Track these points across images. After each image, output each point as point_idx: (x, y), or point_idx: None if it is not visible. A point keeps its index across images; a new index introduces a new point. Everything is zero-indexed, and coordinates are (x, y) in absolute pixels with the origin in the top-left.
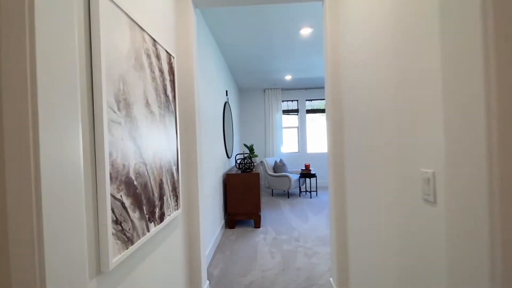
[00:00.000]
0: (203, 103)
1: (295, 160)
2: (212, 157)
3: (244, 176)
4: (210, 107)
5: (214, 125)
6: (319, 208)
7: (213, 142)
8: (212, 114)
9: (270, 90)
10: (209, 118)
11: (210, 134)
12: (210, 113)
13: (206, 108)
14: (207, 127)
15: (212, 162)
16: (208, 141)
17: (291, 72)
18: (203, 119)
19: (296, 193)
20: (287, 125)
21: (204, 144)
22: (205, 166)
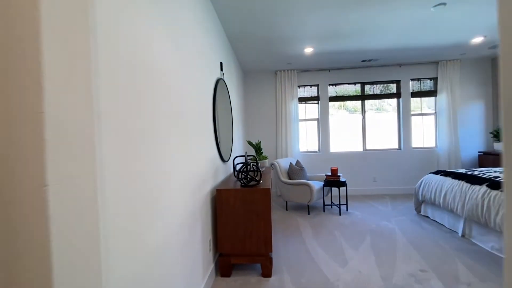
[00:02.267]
0: (161, 60)
1: (315, 161)
2: (191, 161)
3: (246, 193)
4: (185, 78)
5: (194, 110)
6: (357, 234)
7: (192, 136)
8: (190, 92)
9: (282, 72)
10: (181, 95)
11: (183, 122)
12: (183, 88)
13: (172, 74)
14: (171, 107)
15: (192, 170)
16: (180, 133)
17: (313, 40)
18: (160, 88)
19: (319, 206)
20: (305, 116)
21: (171, 139)
22: (175, 176)
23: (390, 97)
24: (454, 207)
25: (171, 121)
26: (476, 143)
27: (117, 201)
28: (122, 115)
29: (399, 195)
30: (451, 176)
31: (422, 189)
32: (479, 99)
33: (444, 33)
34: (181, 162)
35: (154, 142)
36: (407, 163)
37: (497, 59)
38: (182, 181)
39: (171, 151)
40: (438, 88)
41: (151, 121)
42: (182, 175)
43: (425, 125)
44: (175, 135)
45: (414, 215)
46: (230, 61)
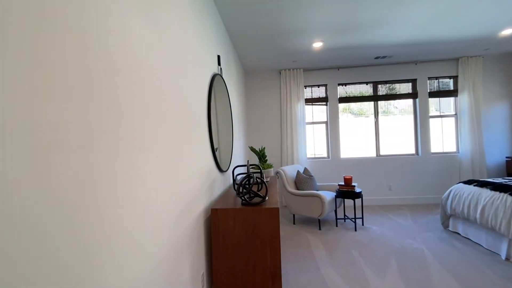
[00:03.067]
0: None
1: (324, 168)
2: (177, 177)
3: (248, 214)
4: (168, 70)
5: (182, 109)
6: (380, 256)
7: (179, 144)
8: (175, 87)
9: (287, 72)
10: (163, 90)
11: (172, 127)
12: (165, 82)
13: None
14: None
15: (179, 188)
16: (160, 141)
17: (323, 33)
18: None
19: (330, 220)
20: (312, 119)
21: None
22: (154, 200)
23: (405, 97)
24: (496, 225)
25: (143, 127)
26: (502, 147)
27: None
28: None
29: (418, 205)
30: (489, 187)
31: (451, 201)
32: (504, 99)
33: (470, 24)
34: (163, 180)
35: (119, 157)
36: (426, 170)
37: None
38: (163, 204)
39: (147, 167)
40: (459, 87)
41: (113, 129)
42: (164, 196)
43: (445, 128)
44: (152, 145)
45: (442, 231)
46: (229, 58)
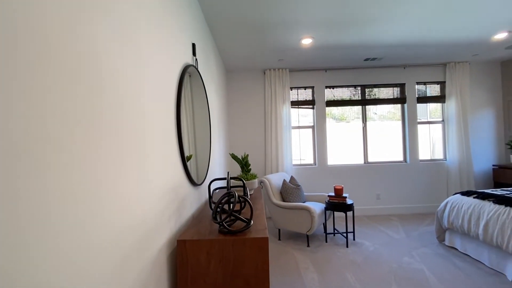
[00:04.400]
0: None
1: (311, 176)
2: (123, 203)
3: (228, 247)
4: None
5: (137, 110)
6: (378, 280)
7: (129, 155)
8: (121, 77)
9: (273, 71)
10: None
11: (106, 131)
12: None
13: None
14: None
15: (125, 219)
16: (99, 153)
17: (314, 28)
18: None
19: (319, 234)
20: (298, 123)
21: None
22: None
23: (394, 102)
24: (503, 243)
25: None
26: (489, 155)
27: None
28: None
29: (408, 215)
30: (491, 200)
31: (449, 214)
32: (490, 106)
33: (463, 27)
34: (98, 209)
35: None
36: (414, 178)
37: (508, 62)
38: (98, 246)
39: (76, 192)
40: (447, 93)
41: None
42: (99, 234)
43: (432, 135)
44: (86, 160)
45: (437, 246)
46: (208, 52)
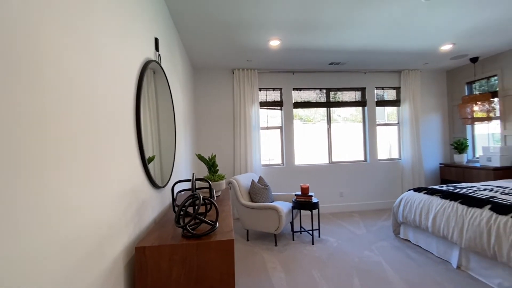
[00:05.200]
0: None
1: (279, 176)
2: (72, 210)
3: (192, 252)
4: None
5: (88, 105)
6: (341, 275)
7: (82, 154)
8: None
9: (241, 71)
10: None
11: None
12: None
13: None
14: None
15: (74, 227)
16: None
17: (282, 29)
18: None
19: (286, 233)
20: (266, 124)
21: None
22: None
23: (355, 105)
24: (449, 234)
25: None
26: (436, 154)
27: None
28: None
29: (368, 211)
30: (438, 195)
31: (403, 209)
32: (437, 111)
33: (419, 36)
34: (38, 218)
35: None
36: (374, 176)
37: (452, 71)
38: (36, 260)
39: None
40: (401, 98)
41: None
42: (37, 246)
43: (389, 136)
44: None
45: (394, 239)
46: (173, 47)
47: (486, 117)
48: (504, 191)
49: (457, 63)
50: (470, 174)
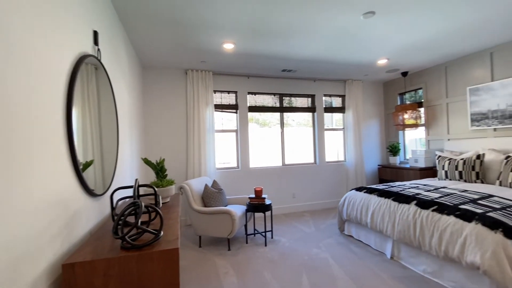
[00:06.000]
0: None
1: (234, 179)
2: None
3: (131, 265)
4: None
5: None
6: (291, 273)
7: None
8: None
9: (195, 72)
10: None
11: None
12: None
13: None
14: None
15: None
16: None
17: (235, 34)
18: None
19: (240, 236)
20: (222, 127)
21: None
22: None
23: (306, 110)
24: (383, 228)
25: None
26: (375, 157)
27: None
28: None
29: (318, 210)
30: (376, 194)
31: (347, 207)
32: (376, 118)
33: (360, 50)
34: None
35: None
36: (322, 177)
37: (387, 83)
38: None
39: None
40: (346, 105)
41: None
42: None
43: (336, 140)
44: None
45: (339, 236)
46: (117, 43)
47: (414, 124)
48: (427, 188)
49: (391, 76)
50: (402, 174)
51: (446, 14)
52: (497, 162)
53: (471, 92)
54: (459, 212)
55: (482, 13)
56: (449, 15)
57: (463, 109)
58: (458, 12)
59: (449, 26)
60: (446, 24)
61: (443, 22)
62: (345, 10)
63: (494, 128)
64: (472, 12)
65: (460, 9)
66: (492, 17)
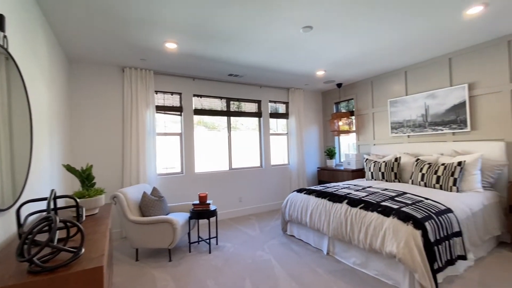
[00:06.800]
0: None
1: (178, 185)
2: None
3: None
4: None
5: None
6: (235, 279)
7: None
8: None
9: (134, 71)
10: None
11: None
12: None
13: None
14: None
15: None
16: None
17: (178, 33)
18: None
19: (183, 246)
20: (164, 130)
21: None
22: None
23: (253, 115)
24: (321, 226)
25: None
26: (315, 160)
27: None
28: None
29: (263, 213)
30: (314, 195)
31: (289, 208)
32: (315, 124)
33: (298, 62)
34: None
35: None
36: (268, 180)
37: (325, 92)
38: None
39: None
40: (290, 112)
41: None
42: None
43: (281, 144)
44: None
45: (282, 236)
46: (35, 32)
47: (347, 130)
48: (357, 188)
49: (328, 87)
50: (337, 175)
51: (369, 36)
52: (409, 164)
53: (391, 104)
54: (381, 208)
55: (398, 37)
56: (372, 37)
57: (385, 118)
58: (380, 35)
59: (372, 46)
60: (370, 44)
61: (368, 42)
62: (286, 24)
63: (408, 135)
64: (390, 35)
65: (381, 32)
66: (406, 41)
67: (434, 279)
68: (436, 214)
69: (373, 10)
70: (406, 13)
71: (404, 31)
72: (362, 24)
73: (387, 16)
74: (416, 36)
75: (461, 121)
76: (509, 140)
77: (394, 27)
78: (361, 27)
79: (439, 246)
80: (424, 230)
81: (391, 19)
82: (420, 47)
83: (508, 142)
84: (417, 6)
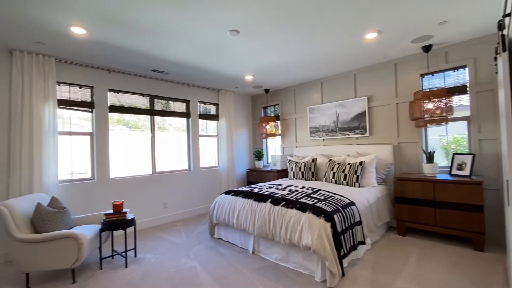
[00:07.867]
0: None
1: (87, 193)
2: None
3: None
4: None
5: None
6: None
7: None
8: None
9: (28, 55)
10: None
11: None
12: None
13: None
14: None
15: None
16: None
17: (86, 15)
18: None
19: (93, 262)
20: (69, 129)
21: None
22: None
23: (180, 115)
24: (247, 226)
25: None
26: (244, 161)
27: None
28: None
29: (191, 218)
30: (241, 196)
31: (217, 211)
32: (245, 127)
33: (230, 63)
34: None
35: None
36: (197, 184)
37: (254, 97)
38: None
39: None
40: (220, 113)
41: None
42: None
43: (211, 146)
44: None
45: (209, 240)
46: None
47: (274, 133)
48: (280, 187)
49: (257, 91)
50: (264, 176)
51: (288, 48)
52: (324, 164)
53: (310, 110)
54: (299, 205)
55: (312, 52)
56: (290, 50)
57: (305, 123)
58: (296, 48)
59: (287, 58)
60: (285, 56)
61: (284, 54)
62: (214, 24)
63: (323, 138)
64: (306, 50)
65: (294, 45)
66: (316, 57)
67: (340, 264)
68: (343, 207)
69: (292, 23)
70: (316, 30)
71: (315, 47)
72: (279, 36)
73: (300, 31)
74: (325, 54)
75: (362, 128)
76: (395, 143)
77: (305, 42)
78: (279, 38)
79: (345, 235)
80: (333, 222)
81: (302, 35)
82: (329, 63)
83: (394, 145)
84: (325, 24)
